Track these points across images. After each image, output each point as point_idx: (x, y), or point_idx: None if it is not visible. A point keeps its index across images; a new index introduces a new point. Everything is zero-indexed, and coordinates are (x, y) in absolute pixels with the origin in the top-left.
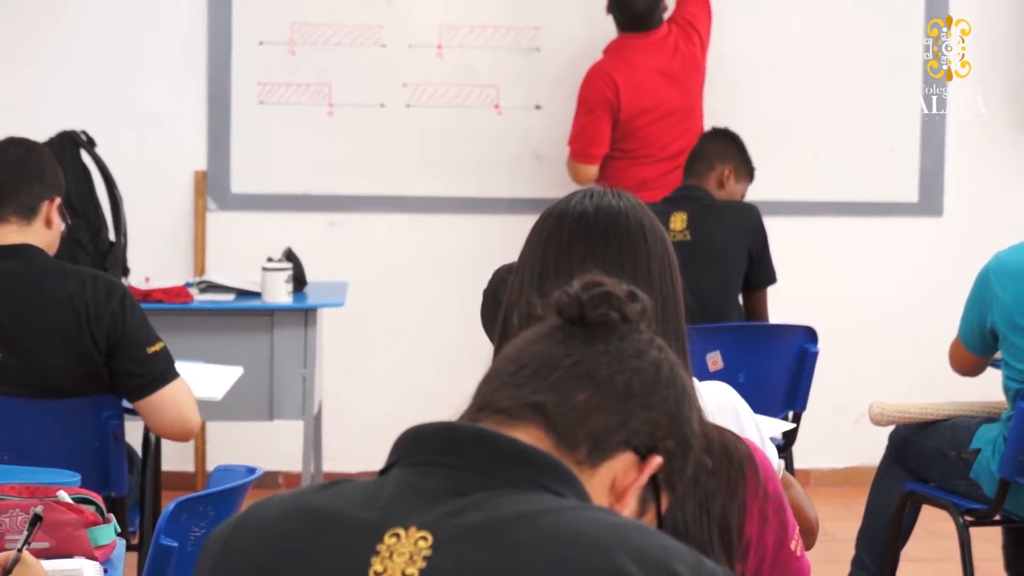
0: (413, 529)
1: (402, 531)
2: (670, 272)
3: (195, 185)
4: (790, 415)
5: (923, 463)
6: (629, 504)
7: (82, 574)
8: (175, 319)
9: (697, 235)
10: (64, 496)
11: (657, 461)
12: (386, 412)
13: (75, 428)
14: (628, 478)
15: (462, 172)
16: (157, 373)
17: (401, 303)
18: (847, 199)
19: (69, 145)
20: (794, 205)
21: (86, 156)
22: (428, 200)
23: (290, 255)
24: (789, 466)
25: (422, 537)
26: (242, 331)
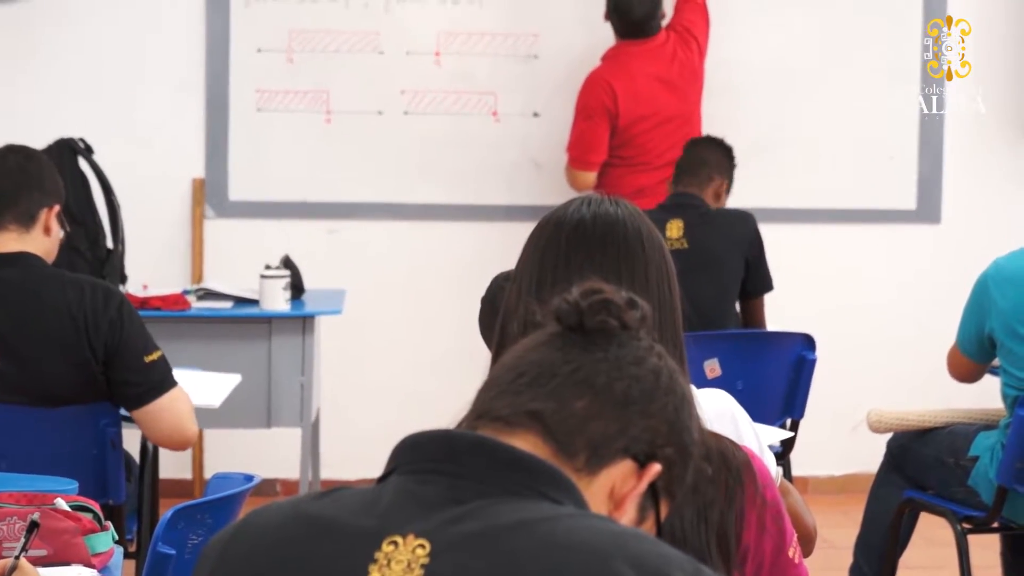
0: (411, 537)
1: (400, 539)
2: (668, 280)
3: (193, 192)
4: (788, 422)
5: (921, 470)
6: (628, 512)
7: None
8: (173, 327)
9: (694, 243)
10: (62, 503)
11: (656, 469)
12: (384, 420)
13: (73, 436)
14: (627, 486)
15: (460, 179)
16: (155, 382)
17: (399, 310)
18: (845, 206)
19: (67, 152)
20: (792, 212)
21: (84, 163)
22: (426, 207)
23: (288, 262)
24: (787, 473)
25: (420, 545)
26: (240, 339)
